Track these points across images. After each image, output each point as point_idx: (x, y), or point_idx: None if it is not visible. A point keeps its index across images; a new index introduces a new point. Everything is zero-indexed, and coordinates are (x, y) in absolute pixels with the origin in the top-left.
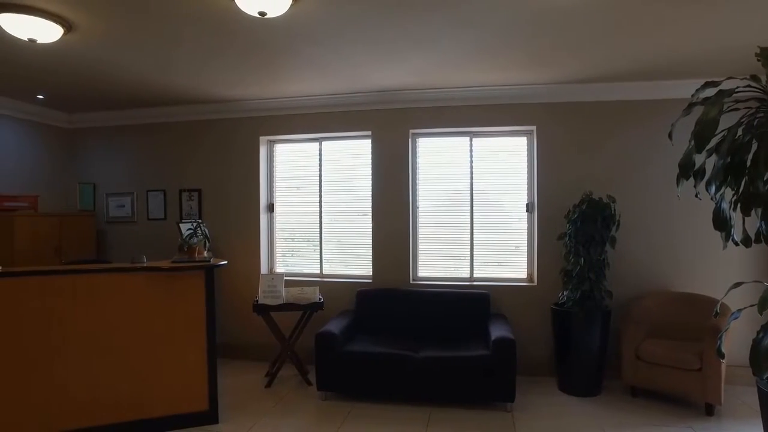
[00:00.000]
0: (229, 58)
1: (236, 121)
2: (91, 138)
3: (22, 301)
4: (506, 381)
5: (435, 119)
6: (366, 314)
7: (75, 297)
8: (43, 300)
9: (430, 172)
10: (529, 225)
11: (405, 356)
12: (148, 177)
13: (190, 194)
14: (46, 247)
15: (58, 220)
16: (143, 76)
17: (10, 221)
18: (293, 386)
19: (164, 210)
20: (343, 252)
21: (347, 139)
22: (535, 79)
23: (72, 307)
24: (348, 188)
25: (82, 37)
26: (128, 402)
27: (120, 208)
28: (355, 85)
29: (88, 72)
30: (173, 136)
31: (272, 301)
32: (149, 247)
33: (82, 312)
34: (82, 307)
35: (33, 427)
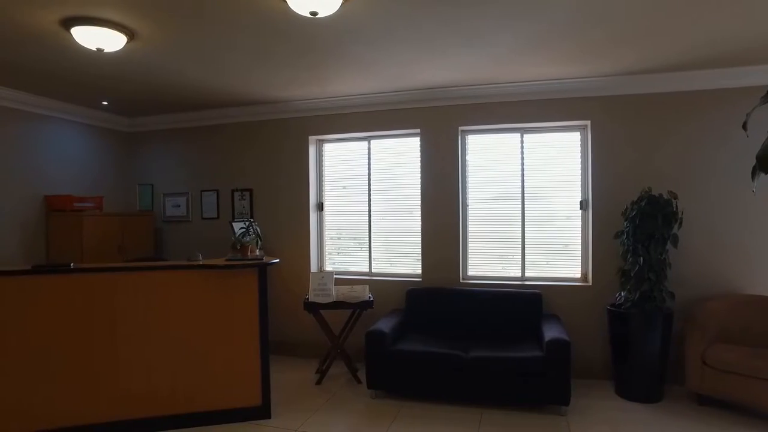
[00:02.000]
0: (281, 60)
1: (286, 121)
2: (149, 141)
3: (91, 296)
4: (561, 384)
5: (484, 116)
6: (416, 313)
7: (137, 293)
8: (110, 295)
9: (479, 170)
10: (583, 223)
11: (455, 356)
12: (201, 177)
13: (241, 194)
14: (109, 245)
15: (121, 220)
16: (199, 80)
17: (79, 220)
18: (343, 384)
19: (217, 209)
20: (392, 250)
21: (395, 137)
22: (590, 72)
23: (135, 302)
24: (396, 186)
25: (143, 45)
26: (185, 394)
27: (176, 207)
28: (404, 83)
29: (148, 77)
30: (225, 137)
31: (323, 299)
32: (203, 245)
33: (144, 307)
34: (143, 302)
35: (99, 414)
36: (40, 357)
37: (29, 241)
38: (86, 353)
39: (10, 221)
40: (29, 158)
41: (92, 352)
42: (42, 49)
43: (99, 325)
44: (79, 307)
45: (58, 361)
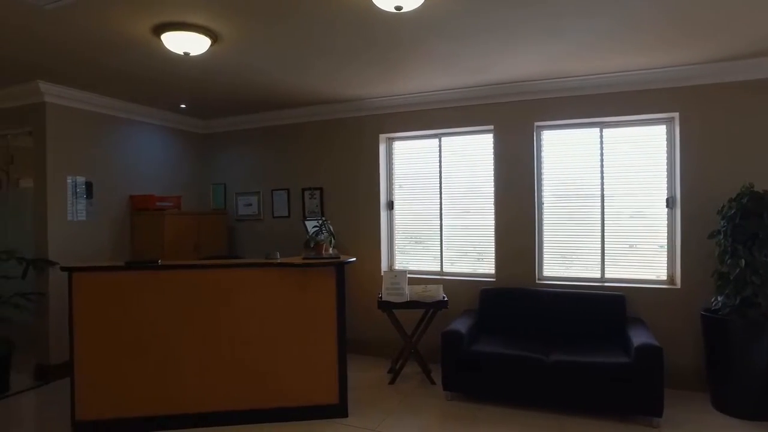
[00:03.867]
0: (361, 58)
1: (356, 119)
2: (222, 142)
3: (177, 291)
4: (652, 393)
5: (561, 110)
6: (490, 314)
7: (220, 289)
8: (194, 291)
9: (556, 166)
10: (670, 222)
11: (535, 359)
12: (272, 177)
13: (312, 193)
14: (187, 243)
15: (197, 218)
16: (276, 81)
17: (161, 219)
18: (416, 384)
19: (288, 208)
20: (463, 250)
21: (468, 134)
22: (680, 60)
23: (217, 298)
24: (468, 184)
25: (226, 47)
26: (264, 389)
27: (247, 206)
28: (479, 79)
29: (227, 79)
30: (296, 136)
31: (396, 298)
32: (274, 243)
33: (226, 302)
34: (225, 298)
35: (183, 405)
36: (131, 348)
37: (116, 237)
38: (172, 346)
39: (102, 219)
40: (117, 160)
41: (178, 345)
42: (134, 56)
43: (184, 320)
44: (165, 301)
45: (146, 352)
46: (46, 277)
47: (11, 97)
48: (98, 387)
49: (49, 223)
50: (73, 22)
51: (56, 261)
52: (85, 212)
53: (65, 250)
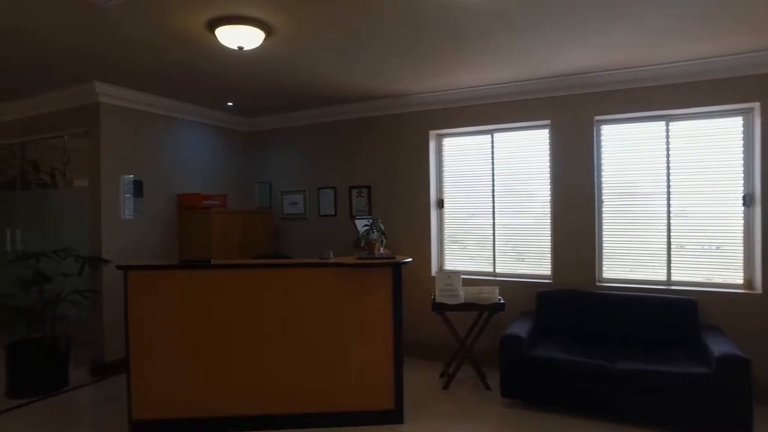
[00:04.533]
0: (415, 51)
1: (405, 116)
2: (267, 140)
3: (229, 291)
4: (738, 409)
5: (624, 103)
6: (548, 317)
7: (272, 289)
8: (247, 290)
9: (616, 162)
10: (747, 221)
11: (601, 367)
12: (318, 175)
13: (359, 191)
14: (233, 242)
15: (243, 217)
16: (326, 75)
17: (208, 217)
18: (471, 389)
19: (334, 206)
20: (517, 250)
21: (522, 129)
22: (760, 45)
23: (270, 298)
24: (523, 182)
25: (279, 41)
26: (316, 393)
27: (293, 205)
28: (536, 71)
29: (277, 75)
30: (343, 133)
31: (450, 300)
32: (320, 242)
33: (278, 303)
34: (278, 298)
35: (234, 407)
36: (184, 347)
37: (165, 236)
38: (224, 347)
39: (152, 218)
40: (165, 159)
41: (230, 346)
42: (187, 52)
43: (236, 320)
44: (218, 301)
45: (199, 353)
46: (100, 275)
47: (68, 99)
48: (154, 386)
49: (102, 221)
50: (130, 18)
51: (109, 259)
52: (136, 211)
53: (117, 248)
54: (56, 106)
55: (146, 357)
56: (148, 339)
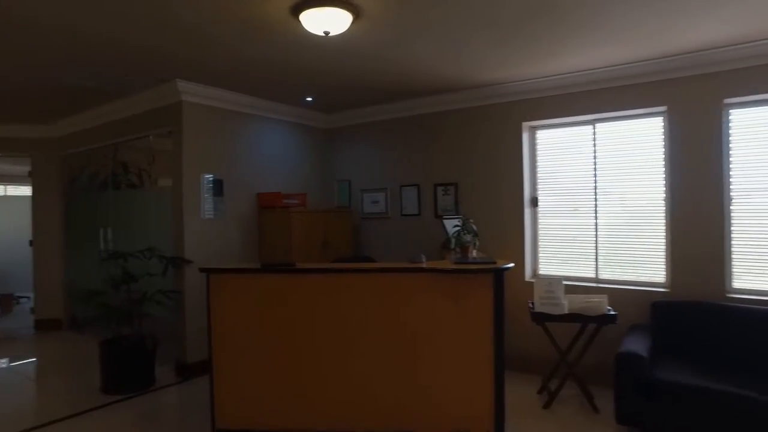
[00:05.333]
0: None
1: (495, 107)
2: (346, 136)
3: (314, 296)
4: None
5: (760, 82)
6: (668, 333)
7: (359, 295)
8: (331, 297)
9: (749, 151)
10: None
11: (746, 398)
12: (401, 172)
13: (445, 189)
14: (314, 242)
15: (323, 216)
16: (414, 64)
17: (287, 217)
18: (576, 409)
19: (418, 205)
20: (624, 253)
21: (630, 118)
22: None
23: (357, 305)
24: (630, 177)
25: (366, 24)
26: (405, 409)
27: (374, 204)
28: (650, 50)
29: (361, 64)
30: (427, 127)
31: (552, 309)
32: (403, 243)
33: (364, 311)
34: (364, 305)
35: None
36: (266, 355)
37: (245, 235)
38: (306, 356)
39: (232, 217)
40: (244, 157)
41: (313, 356)
42: (267, 44)
43: (319, 327)
44: (301, 307)
45: (281, 361)
46: (182, 275)
47: (153, 99)
48: (237, 395)
49: (185, 221)
50: (211, 5)
51: (191, 259)
52: (216, 210)
53: (198, 248)
54: (142, 107)
55: (229, 364)
56: (231, 345)
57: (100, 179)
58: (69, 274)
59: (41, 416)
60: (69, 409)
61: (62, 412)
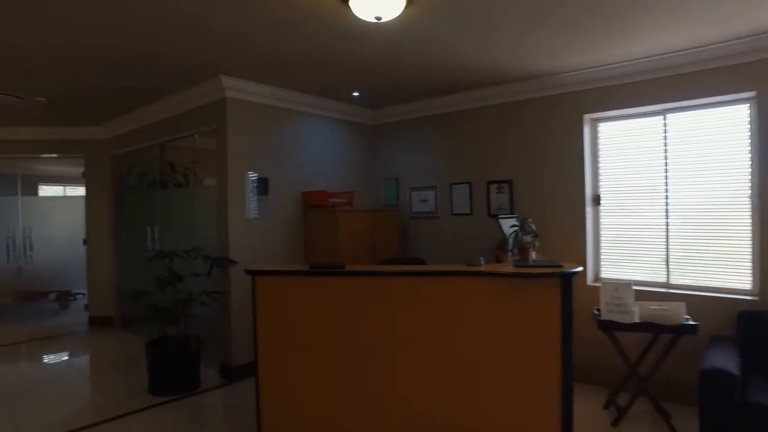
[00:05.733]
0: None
1: (554, 99)
2: (393, 132)
3: (364, 301)
4: None
5: None
6: (756, 347)
7: (412, 299)
8: (383, 301)
9: None
10: None
11: None
12: (451, 169)
13: (499, 186)
14: (362, 243)
15: (371, 216)
16: (465, 53)
17: (334, 216)
18: (648, 429)
19: (470, 204)
20: (702, 256)
21: (710, 107)
22: None
23: (408, 311)
24: (707, 172)
25: (419, 10)
26: (464, 427)
27: (423, 203)
28: (732, 28)
29: (411, 55)
30: (480, 122)
31: (621, 317)
32: (453, 244)
33: (418, 317)
34: (418, 311)
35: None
36: (315, 360)
37: (291, 236)
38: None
39: (277, 217)
40: (289, 155)
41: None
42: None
43: (372, 331)
44: (351, 311)
45: (329, 367)
46: (227, 276)
47: (197, 96)
48: (284, 400)
49: (229, 220)
50: None
51: (236, 260)
52: (261, 209)
53: (243, 248)
54: (186, 106)
55: (276, 368)
56: (277, 349)
57: (148, 179)
58: (119, 272)
59: (92, 415)
60: (118, 409)
61: (112, 411)
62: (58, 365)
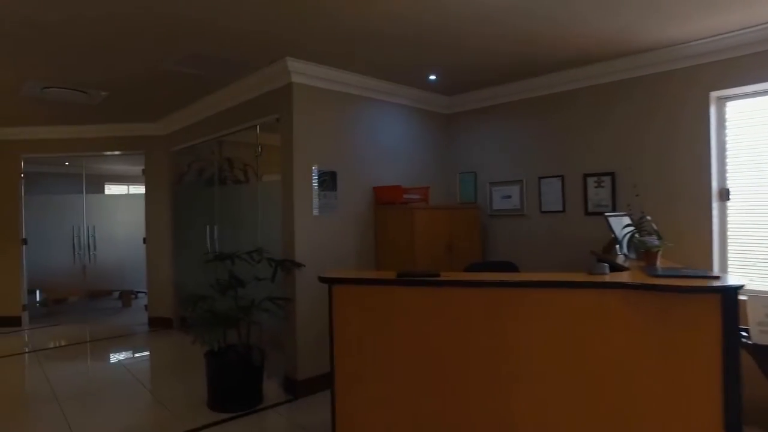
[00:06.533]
0: None
1: (670, 75)
2: (471, 121)
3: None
4: None
5: None
6: None
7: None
8: (486, 315)
9: None
10: None
11: None
12: (540, 161)
13: (598, 180)
14: (437, 244)
15: (449, 214)
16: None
17: (410, 214)
18: None
19: (562, 200)
20: None
21: None
22: None
23: (516, 330)
24: None
25: None
26: None
27: (506, 199)
28: None
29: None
30: (574, 107)
31: None
32: (543, 245)
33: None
34: (527, 330)
35: None
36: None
37: (360, 236)
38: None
39: (346, 214)
40: (358, 146)
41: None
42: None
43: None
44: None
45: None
46: (293, 280)
47: (260, 84)
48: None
49: (295, 219)
50: None
51: (302, 263)
52: (329, 207)
53: (310, 250)
54: (247, 95)
55: (356, 390)
56: (357, 367)
57: (206, 176)
58: (178, 273)
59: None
60: (177, 425)
61: (170, 427)
62: (117, 369)
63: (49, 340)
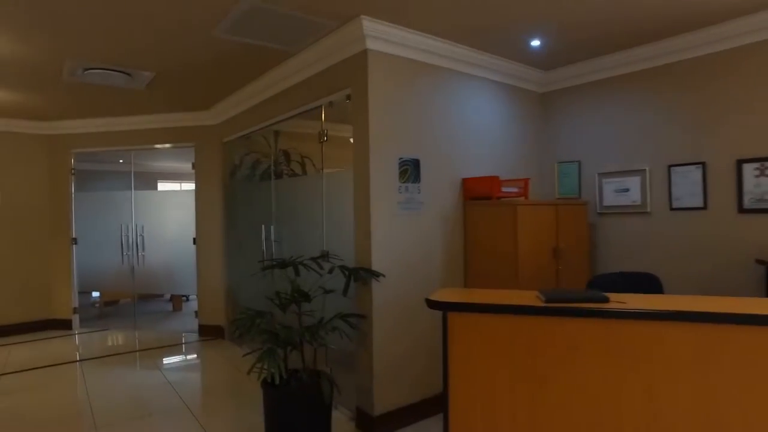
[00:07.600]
0: None
1: None
2: (572, 100)
3: (645, 360)
4: None
5: None
6: None
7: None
8: (698, 366)
9: None
10: None
11: None
12: (668, 145)
13: (762, 166)
14: (543, 249)
15: (554, 212)
16: None
17: (512, 212)
18: None
19: (703, 194)
20: None
21: None
22: None
23: (673, 376)
24: None
25: None
26: None
27: (621, 193)
28: None
29: None
30: (721, 75)
31: None
32: (676, 251)
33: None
34: (687, 376)
35: None
36: None
37: (448, 240)
38: None
39: (431, 210)
40: (443, 130)
41: None
42: None
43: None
44: (618, 372)
45: None
46: (369, 293)
47: (326, 52)
48: None
49: (372, 218)
50: None
51: (381, 272)
52: (413, 202)
53: (391, 256)
54: (309, 71)
55: None
56: (479, 415)
57: (261, 169)
58: (230, 277)
59: None
60: None
61: None
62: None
63: (97, 347)
